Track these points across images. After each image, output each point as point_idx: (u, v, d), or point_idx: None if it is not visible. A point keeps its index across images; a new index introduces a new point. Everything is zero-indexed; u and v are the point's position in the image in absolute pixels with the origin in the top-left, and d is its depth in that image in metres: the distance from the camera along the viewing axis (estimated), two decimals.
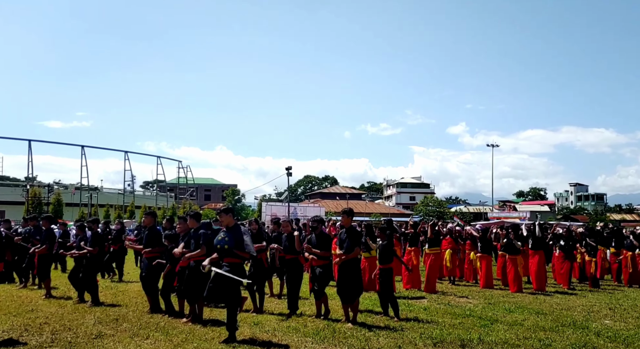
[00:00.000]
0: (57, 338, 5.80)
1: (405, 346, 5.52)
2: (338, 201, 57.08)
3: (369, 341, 5.67)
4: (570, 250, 11.19)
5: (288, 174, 34.72)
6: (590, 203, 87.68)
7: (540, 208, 76.52)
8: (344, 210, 7.04)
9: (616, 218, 66.25)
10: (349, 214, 6.88)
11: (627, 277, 11.76)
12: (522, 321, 7.11)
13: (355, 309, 6.66)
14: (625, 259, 11.83)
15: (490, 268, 10.83)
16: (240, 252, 5.69)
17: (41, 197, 41.12)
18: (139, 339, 5.76)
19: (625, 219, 66.47)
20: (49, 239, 9.50)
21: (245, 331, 6.03)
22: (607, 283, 12.14)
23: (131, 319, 6.89)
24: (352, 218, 6.98)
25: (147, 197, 59.73)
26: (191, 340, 5.66)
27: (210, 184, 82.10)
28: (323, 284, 6.82)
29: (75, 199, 45.64)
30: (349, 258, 6.54)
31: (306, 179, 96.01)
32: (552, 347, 5.69)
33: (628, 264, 11.70)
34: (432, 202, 62.56)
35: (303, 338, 5.78)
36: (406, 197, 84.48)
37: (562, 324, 6.99)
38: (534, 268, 10.67)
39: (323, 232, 7.11)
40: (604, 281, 12.46)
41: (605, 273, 12.63)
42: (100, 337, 5.85)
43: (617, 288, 11.47)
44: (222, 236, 5.73)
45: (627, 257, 11.77)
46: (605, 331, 6.63)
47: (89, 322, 6.72)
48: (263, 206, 38.97)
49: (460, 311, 7.74)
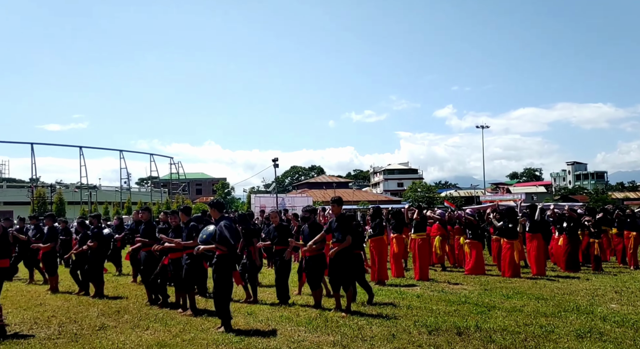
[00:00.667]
0: (64, 330, 6.12)
1: (399, 334, 5.48)
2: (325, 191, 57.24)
3: (362, 329, 5.71)
4: (574, 232, 10.88)
5: (275, 166, 35.05)
6: (590, 182, 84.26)
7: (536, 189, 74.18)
8: (333, 199, 6.99)
9: (619, 197, 63.58)
10: (338, 202, 6.84)
11: (632, 259, 11.27)
12: (522, 307, 6.86)
13: (349, 298, 6.68)
14: (628, 240, 11.41)
15: (480, 254, 10.62)
16: (221, 246, 5.81)
17: (45, 197, 42.90)
18: (139, 330, 6.06)
19: (629, 198, 63.59)
20: (52, 237, 9.83)
21: (239, 321, 6.29)
22: (613, 265, 11.77)
23: (132, 311, 7.20)
24: (342, 206, 6.95)
25: (142, 194, 60.91)
26: (188, 330, 5.92)
27: (200, 179, 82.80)
28: (318, 274, 6.94)
29: (76, 197, 47.26)
30: (342, 247, 6.56)
31: (293, 170, 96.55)
32: (555, 333, 5.45)
33: (630, 246, 11.30)
34: (420, 187, 61.94)
35: (296, 327, 5.92)
36: (394, 184, 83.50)
37: (565, 309, 6.71)
38: (533, 252, 10.37)
39: (315, 222, 7.21)
40: (610, 263, 12.15)
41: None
42: (103, 329, 6.16)
43: (623, 269, 11.01)
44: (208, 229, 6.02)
45: (631, 238, 11.33)
46: (611, 315, 6.31)
47: (92, 315, 7.05)
48: (252, 198, 39.44)
49: (455, 298, 7.58)
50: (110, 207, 46.92)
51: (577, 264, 10.89)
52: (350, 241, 6.59)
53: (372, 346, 5.14)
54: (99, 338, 5.74)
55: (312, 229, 7.03)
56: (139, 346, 5.33)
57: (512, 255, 9.96)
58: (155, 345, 5.31)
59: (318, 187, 64.71)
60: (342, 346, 5.14)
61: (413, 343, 5.18)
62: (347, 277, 6.63)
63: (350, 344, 5.19)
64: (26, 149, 46.13)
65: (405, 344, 5.16)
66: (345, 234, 6.56)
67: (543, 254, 10.54)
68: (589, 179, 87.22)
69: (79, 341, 5.62)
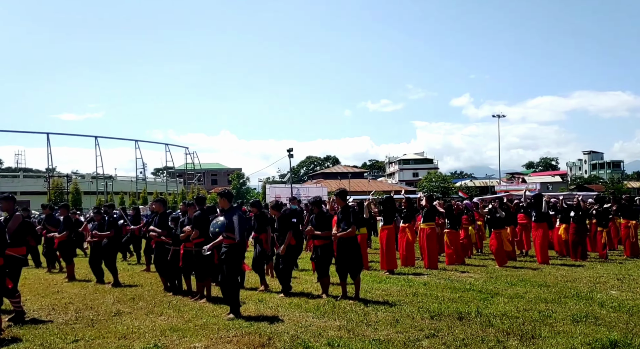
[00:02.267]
0: (81, 316, 6.38)
1: (402, 319, 5.66)
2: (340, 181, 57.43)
3: (367, 315, 5.90)
4: (581, 221, 10.93)
5: (290, 156, 35.30)
6: (605, 171, 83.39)
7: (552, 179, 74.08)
8: (335, 192, 7.23)
9: (634, 186, 62.73)
10: (341, 195, 7.08)
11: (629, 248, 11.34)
12: (524, 294, 7.03)
13: (357, 285, 6.87)
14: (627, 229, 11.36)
15: (459, 244, 10.71)
16: (231, 235, 6.05)
17: (62, 188, 43.24)
18: (153, 316, 6.29)
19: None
20: (67, 226, 10.13)
21: (250, 307, 6.51)
22: (619, 254, 11.86)
23: (146, 298, 7.46)
24: (346, 198, 7.15)
25: (158, 184, 61.55)
26: (200, 316, 6.14)
27: (216, 169, 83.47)
28: (325, 264, 7.11)
29: (92, 187, 47.71)
30: (345, 236, 6.77)
31: (308, 160, 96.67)
32: (552, 318, 5.64)
33: (631, 235, 11.29)
34: (435, 177, 61.87)
35: (304, 313, 6.11)
36: (409, 174, 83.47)
37: (565, 295, 6.89)
38: (538, 241, 10.50)
39: (322, 213, 7.34)
40: (617, 251, 12.26)
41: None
42: (118, 315, 6.41)
43: (629, 258, 11.12)
44: (219, 220, 6.21)
45: (631, 227, 11.34)
46: (609, 301, 6.48)
47: (108, 301, 7.32)
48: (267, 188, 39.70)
49: (460, 285, 7.74)
50: (126, 197, 47.29)
51: (584, 253, 10.97)
52: (354, 231, 6.80)
53: (375, 330, 5.31)
54: (114, 323, 5.98)
55: (319, 220, 7.18)
56: (152, 330, 5.55)
57: (500, 245, 10.18)
58: (168, 330, 5.52)
59: (333, 177, 64.96)
60: (347, 331, 5.30)
61: (415, 327, 5.36)
62: (354, 266, 6.81)
63: (354, 329, 5.36)
64: (42, 139, 46.70)
65: (407, 329, 5.33)
66: (349, 224, 6.75)
67: (547, 243, 10.67)
68: (605, 168, 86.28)
69: (95, 326, 5.87)
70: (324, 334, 5.15)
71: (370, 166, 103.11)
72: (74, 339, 5.28)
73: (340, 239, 6.82)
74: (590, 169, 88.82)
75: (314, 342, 4.91)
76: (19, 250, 6.15)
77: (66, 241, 9.98)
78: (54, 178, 45.42)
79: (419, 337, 4.99)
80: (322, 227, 7.08)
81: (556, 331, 5.14)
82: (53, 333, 5.57)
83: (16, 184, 49.22)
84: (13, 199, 6.54)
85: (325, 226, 7.13)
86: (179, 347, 4.92)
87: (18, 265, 6.20)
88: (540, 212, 10.67)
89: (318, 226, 7.11)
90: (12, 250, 5.95)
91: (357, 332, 5.23)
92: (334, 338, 5.02)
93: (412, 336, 5.01)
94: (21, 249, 6.19)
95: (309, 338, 5.03)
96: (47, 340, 5.27)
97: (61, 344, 5.14)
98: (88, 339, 5.28)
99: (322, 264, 7.14)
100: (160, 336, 5.32)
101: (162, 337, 5.27)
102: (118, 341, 5.16)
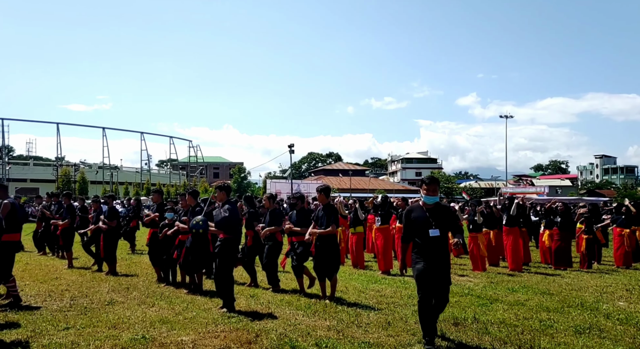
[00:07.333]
0: (75, 304, 6.43)
1: (395, 322, 5.53)
2: (341, 178, 57.23)
3: (359, 316, 5.79)
4: (566, 227, 10.41)
5: (290, 152, 35.30)
6: (618, 176, 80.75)
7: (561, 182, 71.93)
8: (319, 188, 6.91)
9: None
10: (325, 191, 6.81)
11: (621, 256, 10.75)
12: (525, 301, 6.77)
13: (333, 285, 6.70)
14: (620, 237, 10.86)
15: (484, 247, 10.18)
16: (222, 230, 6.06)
17: (70, 176, 44.27)
18: (145, 306, 6.31)
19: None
20: (70, 214, 10.22)
21: (241, 302, 6.47)
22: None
23: (140, 288, 7.49)
24: (329, 195, 6.90)
25: (161, 176, 62.34)
26: (191, 309, 6.14)
27: (218, 162, 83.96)
28: (302, 261, 6.94)
29: (99, 177, 48.63)
30: (324, 234, 6.54)
31: (310, 156, 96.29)
32: (553, 328, 5.40)
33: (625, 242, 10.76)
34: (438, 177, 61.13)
35: (295, 311, 6.05)
36: (412, 173, 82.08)
37: (569, 305, 6.63)
38: (509, 246, 10.11)
39: (303, 209, 7.19)
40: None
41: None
42: (112, 304, 6.44)
43: (638, 268, 10.67)
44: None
45: (624, 235, 10.82)
46: (616, 313, 6.18)
47: (103, 290, 7.37)
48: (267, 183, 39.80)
49: (459, 290, 7.54)
50: (131, 187, 48.09)
51: (568, 259, 10.36)
52: (334, 230, 6.56)
53: (366, 332, 5.22)
54: (106, 312, 6.01)
55: (300, 216, 7.05)
56: (142, 321, 5.56)
57: (478, 249, 9.88)
58: (157, 321, 5.53)
59: (334, 174, 64.81)
60: (337, 331, 5.24)
61: (407, 331, 5.24)
62: (330, 265, 6.61)
63: (345, 330, 5.29)
64: (52, 129, 47.42)
65: (399, 332, 5.22)
66: (330, 222, 6.53)
67: (519, 248, 10.20)
68: (618, 173, 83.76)
69: (87, 314, 5.90)
70: (313, 334, 5.10)
71: (372, 164, 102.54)
72: (65, 326, 5.31)
73: (318, 237, 6.59)
74: (602, 174, 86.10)
75: (301, 341, 4.85)
76: (14, 236, 6.22)
77: (68, 229, 10.07)
78: (62, 167, 46.30)
79: (410, 341, 4.87)
80: (303, 224, 6.93)
81: (557, 342, 4.95)
82: (46, 319, 5.61)
83: (27, 171, 50.11)
84: (3, 188, 6.55)
85: (306, 223, 6.92)
86: (166, 340, 4.90)
87: (12, 250, 6.27)
88: (510, 215, 10.29)
89: (299, 222, 6.98)
90: (7, 236, 6.03)
91: (347, 333, 5.15)
92: (323, 338, 4.96)
93: (403, 340, 4.90)
94: (15, 235, 6.26)
95: (297, 337, 4.98)
96: (39, 326, 5.30)
97: (52, 331, 5.16)
98: (79, 327, 5.30)
99: (299, 261, 6.96)
100: (149, 327, 5.32)
101: (151, 329, 5.26)
102: (107, 331, 5.17)
